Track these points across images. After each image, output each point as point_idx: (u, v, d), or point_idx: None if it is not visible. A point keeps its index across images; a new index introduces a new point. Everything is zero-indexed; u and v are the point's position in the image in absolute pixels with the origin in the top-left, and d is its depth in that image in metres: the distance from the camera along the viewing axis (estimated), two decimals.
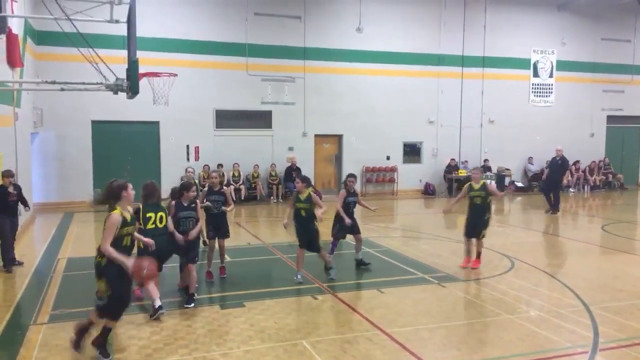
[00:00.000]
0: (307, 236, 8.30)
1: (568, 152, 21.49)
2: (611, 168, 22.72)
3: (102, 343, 5.51)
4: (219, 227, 8.57)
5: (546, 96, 22.30)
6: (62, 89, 8.81)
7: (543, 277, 8.87)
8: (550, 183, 16.13)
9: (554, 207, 15.77)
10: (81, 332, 5.56)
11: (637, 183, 23.59)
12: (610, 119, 23.30)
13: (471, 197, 9.36)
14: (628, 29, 22.97)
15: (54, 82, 8.27)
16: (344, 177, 19.40)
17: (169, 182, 12.00)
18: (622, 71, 22.99)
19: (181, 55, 17.41)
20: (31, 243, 12.14)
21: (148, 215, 7.04)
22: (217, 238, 8.63)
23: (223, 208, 8.46)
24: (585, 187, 21.74)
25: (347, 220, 9.17)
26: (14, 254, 9.41)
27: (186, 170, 12.81)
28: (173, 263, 8.09)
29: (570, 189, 21.38)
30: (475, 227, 9.25)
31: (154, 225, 7.03)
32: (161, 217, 7.15)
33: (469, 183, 9.57)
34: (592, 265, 10.37)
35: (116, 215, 5.31)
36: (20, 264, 9.44)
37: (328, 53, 19.24)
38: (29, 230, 13.14)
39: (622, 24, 22.85)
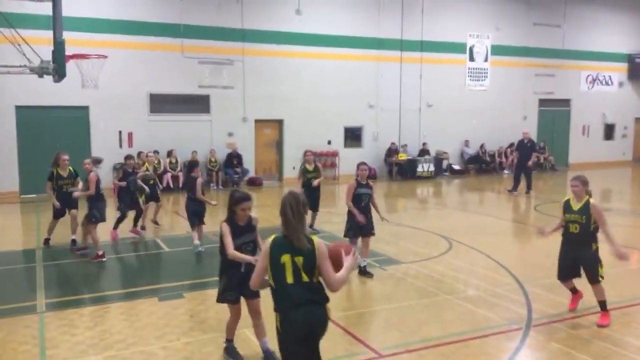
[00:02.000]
0: (313, 200, 10.58)
1: (503, 134, 22.27)
2: (546, 151, 23.70)
3: None
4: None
5: (482, 80, 22.91)
6: None
7: (480, 257, 9.13)
8: (521, 165, 16.75)
9: (527, 188, 16.50)
10: None
11: (566, 164, 24.74)
12: (542, 102, 24.26)
13: (567, 222, 6.41)
14: (558, 14, 23.86)
15: None
16: (285, 163, 19.56)
17: (100, 169, 11.40)
18: (553, 55, 23.89)
19: (112, 36, 16.57)
20: None
21: None
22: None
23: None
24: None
25: (359, 217, 7.75)
26: None
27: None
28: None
29: (505, 171, 22.14)
30: (575, 263, 6.33)
31: None
32: None
33: (566, 200, 6.53)
34: (526, 244, 10.80)
35: None
36: None
37: (267, 35, 18.89)
38: None
39: (552, 9, 23.71)
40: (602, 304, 6.13)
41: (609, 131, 26.15)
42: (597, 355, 5.32)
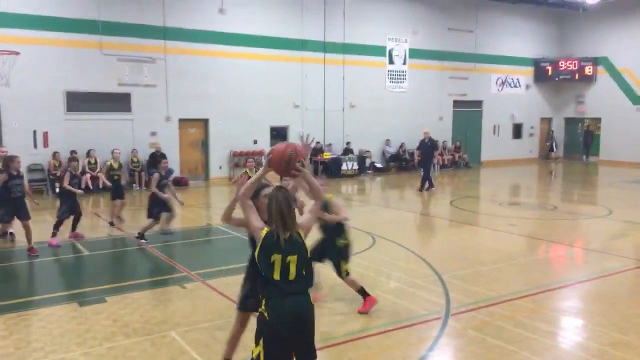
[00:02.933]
0: None
1: (420, 134, 23.12)
2: (461, 151, 24.90)
3: None
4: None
5: (401, 82, 23.74)
6: None
7: (401, 251, 9.54)
8: (422, 163, 17.18)
9: (428, 185, 16.90)
10: None
11: (479, 162, 26.14)
12: (456, 103, 25.49)
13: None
14: (470, 20, 25.17)
15: None
16: (211, 162, 19.36)
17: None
18: (466, 59, 25.16)
19: (24, 31, 15.69)
20: None
21: None
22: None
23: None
24: (435, 166, 23.62)
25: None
26: None
27: None
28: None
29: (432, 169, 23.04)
30: (321, 257, 6.56)
31: None
32: None
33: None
34: (443, 237, 11.40)
35: None
36: None
37: (190, 34, 18.59)
38: None
39: (465, 15, 24.99)
40: (361, 292, 6.50)
41: (517, 130, 27.90)
42: (510, 340, 5.75)
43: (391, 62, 23.36)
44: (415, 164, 20.07)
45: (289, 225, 3.72)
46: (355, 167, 21.50)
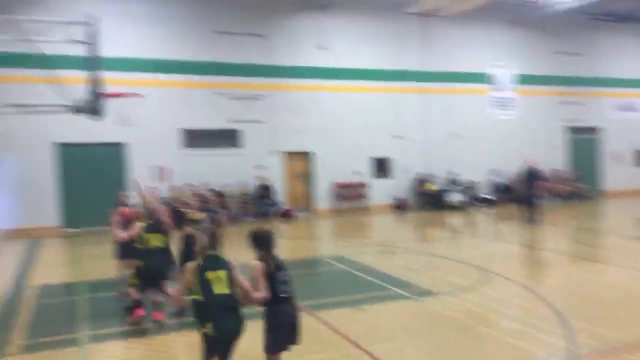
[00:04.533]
0: None
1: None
2: (578, 180, 23.28)
3: None
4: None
5: (507, 109, 22.85)
6: (20, 112, 8.58)
7: (516, 288, 8.98)
8: (523, 194, 15.93)
9: (534, 219, 15.61)
10: None
11: (598, 192, 24.22)
12: (569, 130, 23.99)
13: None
14: (579, 42, 23.80)
15: (13, 105, 8.07)
16: (315, 194, 19.69)
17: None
18: (576, 83, 23.75)
19: (146, 74, 17.18)
20: None
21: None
22: None
23: None
24: (551, 197, 22.22)
25: None
26: None
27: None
28: None
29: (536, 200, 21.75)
30: None
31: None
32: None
33: None
34: (563, 274, 10.57)
35: None
36: None
37: (293, 70, 19.32)
38: None
39: (575, 38, 23.68)
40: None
41: (639, 158, 25.59)
42: None
43: (495, 88, 22.62)
44: (516, 195, 18.63)
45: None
46: (462, 198, 20.82)
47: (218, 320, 4.54)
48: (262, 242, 4.96)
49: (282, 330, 4.83)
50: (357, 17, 20.21)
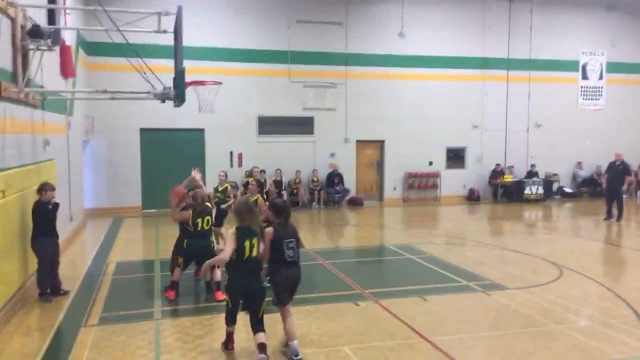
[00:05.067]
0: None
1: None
2: None
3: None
4: None
5: (596, 99, 21.58)
6: (113, 98, 9.15)
7: (593, 286, 8.58)
8: (611, 189, 15.40)
9: (618, 215, 15.08)
10: None
11: None
12: None
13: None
14: None
15: (104, 92, 8.60)
16: (386, 183, 19.62)
17: (212, 186, 12.17)
18: None
19: (225, 63, 17.73)
20: (82, 247, 12.59)
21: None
22: None
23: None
24: (638, 192, 20.84)
25: None
26: (59, 281, 8.18)
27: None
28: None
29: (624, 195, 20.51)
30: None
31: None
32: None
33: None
34: None
35: None
36: (66, 293, 8.16)
37: (370, 59, 19.21)
38: (80, 235, 13.64)
39: None
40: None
41: None
42: None
43: (585, 77, 21.40)
44: (603, 189, 17.81)
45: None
46: (541, 191, 19.97)
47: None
48: (278, 211, 5.83)
49: (280, 285, 5.74)
50: (438, 4, 19.68)
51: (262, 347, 5.54)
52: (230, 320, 5.87)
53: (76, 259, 10.99)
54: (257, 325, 5.69)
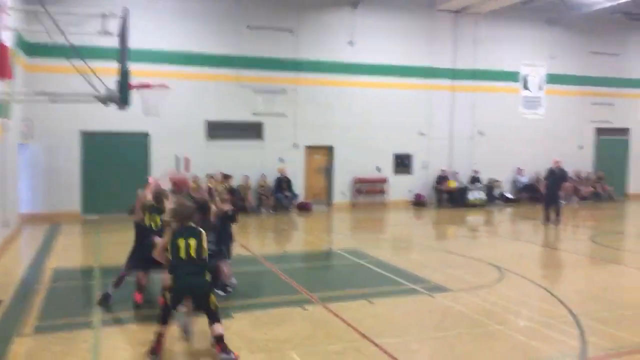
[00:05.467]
0: None
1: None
2: (603, 181, 22.87)
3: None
4: None
5: (536, 109, 22.51)
6: (53, 101, 8.81)
7: (532, 288, 8.90)
8: (550, 195, 16.02)
9: (556, 219, 15.73)
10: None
11: (624, 194, 23.75)
12: (599, 131, 23.51)
13: None
14: (617, 42, 23.28)
15: (44, 94, 8.27)
16: (335, 188, 19.74)
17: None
18: (611, 84, 23.22)
19: (173, 67, 17.35)
20: (17, 254, 12.02)
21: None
22: None
23: None
24: (574, 198, 21.85)
25: None
26: None
27: None
28: None
29: (561, 201, 21.45)
30: None
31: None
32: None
33: None
34: (582, 276, 10.43)
35: None
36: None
37: (320, 65, 19.30)
38: (15, 241, 13.01)
39: (611, 37, 23.15)
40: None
41: None
42: None
43: (526, 87, 22.29)
44: (543, 194, 18.59)
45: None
46: (483, 197, 20.61)
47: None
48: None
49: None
50: (387, 14, 20.00)
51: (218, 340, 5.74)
52: (166, 321, 5.85)
53: (10, 266, 10.47)
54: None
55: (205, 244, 5.96)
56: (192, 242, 5.83)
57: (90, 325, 6.94)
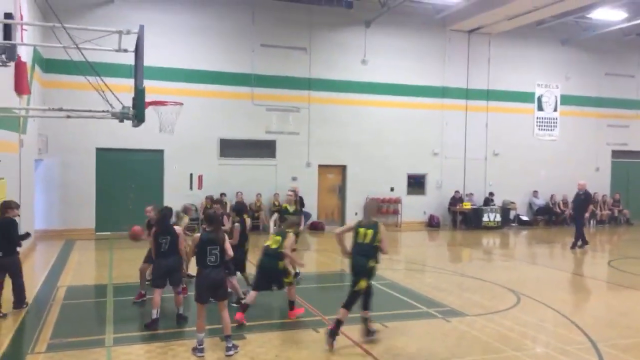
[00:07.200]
0: None
1: (573, 186, 21.45)
2: (620, 204, 22.56)
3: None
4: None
5: (551, 130, 22.34)
6: (69, 116, 8.89)
7: (549, 313, 8.70)
8: (575, 218, 15.98)
9: (581, 242, 15.56)
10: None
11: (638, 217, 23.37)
12: (615, 153, 23.26)
13: None
14: (632, 64, 23.15)
15: (60, 109, 8.33)
16: (347, 208, 19.62)
17: None
18: (626, 106, 23.06)
19: (188, 84, 17.57)
20: (31, 271, 12.02)
21: None
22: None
23: None
24: (591, 222, 21.53)
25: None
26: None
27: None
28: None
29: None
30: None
31: None
32: None
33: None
34: (599, 301, 10.19)
35: None
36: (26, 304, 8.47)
37: (333, 84, 19.39)
38: (29, 258, 13.05)
39: (626, 59, 23.04)
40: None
41: None
42: None
43: (540, 108, 22.16)
44: (568, 219, 18.38)
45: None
46: (498, 218, 20.38)
47: None
48: (209, 221, 6.83)
49: (200, 288, 6.65)
50: (400, 33, 20.11)
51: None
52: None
53: (24, 282, 10.46)
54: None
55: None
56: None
57: (102, 344, 6.89)
